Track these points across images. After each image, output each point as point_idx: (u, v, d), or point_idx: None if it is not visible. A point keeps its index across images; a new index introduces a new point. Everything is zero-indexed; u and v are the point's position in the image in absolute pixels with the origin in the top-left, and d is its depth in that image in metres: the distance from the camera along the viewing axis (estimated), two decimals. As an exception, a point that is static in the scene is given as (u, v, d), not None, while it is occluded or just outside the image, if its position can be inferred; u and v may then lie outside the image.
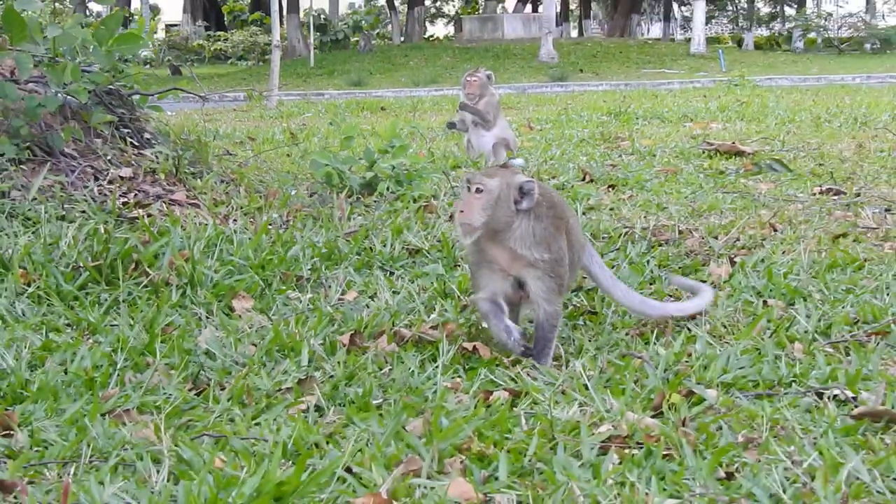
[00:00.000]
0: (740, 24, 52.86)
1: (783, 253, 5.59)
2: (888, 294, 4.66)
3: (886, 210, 6.74)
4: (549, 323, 4.09)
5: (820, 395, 3.53)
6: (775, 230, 6.23)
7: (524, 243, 4.02)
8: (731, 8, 55.68)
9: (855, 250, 5.51)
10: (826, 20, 52.71)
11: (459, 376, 3.81)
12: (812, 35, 47.98)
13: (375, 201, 6.98)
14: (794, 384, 3.68)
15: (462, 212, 3.87)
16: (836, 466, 2.91)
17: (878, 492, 2.77)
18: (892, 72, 28.59)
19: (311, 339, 4.13)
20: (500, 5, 57.88)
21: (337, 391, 3.63)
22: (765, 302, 4.70)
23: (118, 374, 3.74)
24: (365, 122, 13.82)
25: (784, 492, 2.80)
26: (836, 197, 7.35)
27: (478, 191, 3.86)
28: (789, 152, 9.72)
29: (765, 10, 54.49)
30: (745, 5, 55.04)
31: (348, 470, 2.96)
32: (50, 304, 4.53)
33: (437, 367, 3.86)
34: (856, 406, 3.42)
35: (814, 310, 4.49)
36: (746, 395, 3.59)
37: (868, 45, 45.68)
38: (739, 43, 48.32)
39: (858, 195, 7.37)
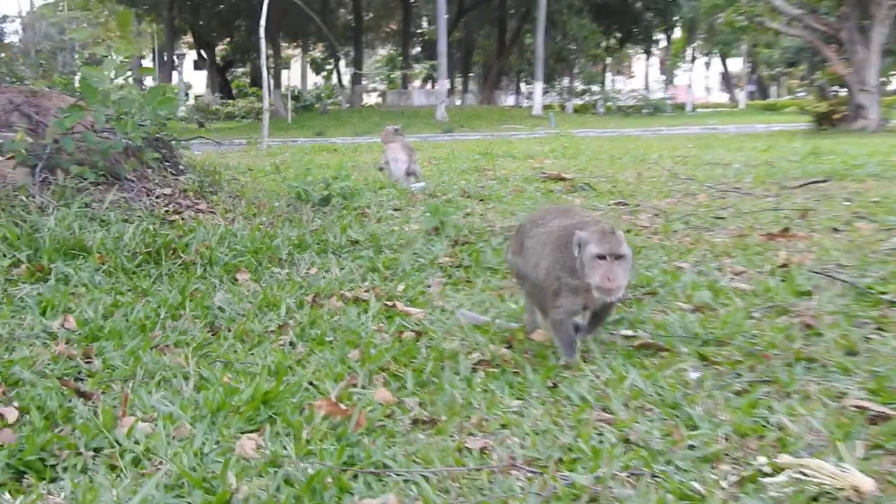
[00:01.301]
0: (564, 96, 53.69)
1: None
2: (655, 269, 4.73)
3: (655, 215, 6.84)
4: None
5: (612, 333, 3.56)
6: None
7: None
8: (558, 86, 56.54)
9: (635, 241, 5.58)
10: (618, 93, 53.70)
11: (382, 322, 3.80)
12: (609, 103, 48.74)
13: (329, 210, 6.95)
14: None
15: (610, 280, 3.03)
16: (622, 378, 2.94)
17: (648, 394, 2.81)
18: (659, 127, 28.97)
19: (287, 299, 4.10)
20: (411, 83, 58.24)
21: (304, 332, 3.60)
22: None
23: (161, 322, 3.69)
24: (324, 159, 13.78)
25: (589, 395, 2.83)
26: (623, 206, 7.44)
27: (619, 257, 3.06)
28: (594, 178, 9.83)
29: (580, 87, 55.51)
30: (567, 84, 55.82)
31: (311, 383, 2.96)
32: (117, 277, 4.47)
33: (368, 316, 3.85)
34: (636, 339, 3.46)
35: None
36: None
37: (644, 110, 46.49)
38: (563, 108, 49.00)
39: (638, 205, 7.47)
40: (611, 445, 2.42)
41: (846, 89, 20.30)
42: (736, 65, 67.12)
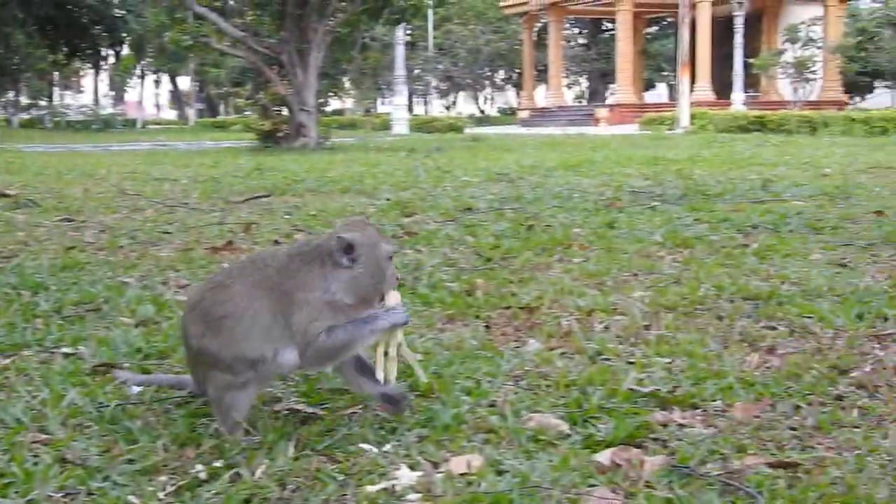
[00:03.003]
0: (9, 111, 50.41)
1: None
2: (100, 284, 4.56)
3: (101, 231, 6.64)
4: None
5: (52, 352, 3.38)
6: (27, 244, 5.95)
7: None
8: (2, 100, 52.91)
9: (79, 257, 5.36)
10: (67, 108, 51.73)
11: None
12: (58, 118, 46.68)
13: None
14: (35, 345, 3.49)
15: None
16: (61, 397, 2.80)
17: (87, 411, 2.69)
18: (109, 143, 28.12)
19: None
20: None
21: None
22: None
23: None
24: None
25: (24, 416, 2.65)
26: (69, 223, 7.12)
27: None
28: (39, 194, 9.28)
29: (26, 101, 52.62)
30: (13, 98, 52.43)
31: None
32: None
33: None
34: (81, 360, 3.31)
35: (50, 296, 4.30)
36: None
37: (94, 126, 45.12)
38: (9, 123, 46.01)
39: (84, 221, 7.20)
40: (46, 466, 2.29)
41: (288, 109, 21.25)
42: (185, 83, 67.55)
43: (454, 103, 65.65)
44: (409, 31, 44.67)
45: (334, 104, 64.35)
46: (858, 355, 3.09)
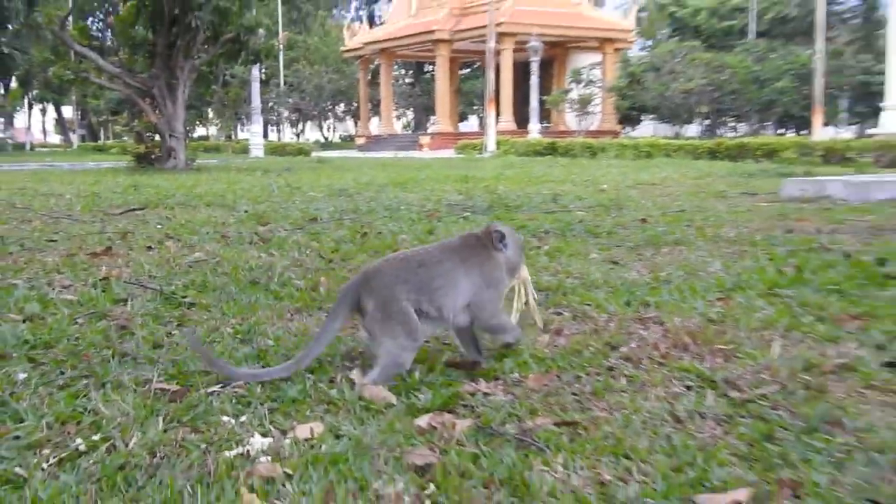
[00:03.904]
0: None
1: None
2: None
3: (-19, 241, 6.21)
4: None
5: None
6: None
7: None
8: None
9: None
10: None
11: None
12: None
13: None
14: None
15: None
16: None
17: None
18: (0, 164, 26.37)
19: None
20: None
21: None
22: None
23: None
24: None
25: None
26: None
27: None
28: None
29: None
30: None
31: None
32: None
33: None
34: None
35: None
36: None
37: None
38: None
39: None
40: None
41: (159, 135, 20.71)
42: (69, 111, 64.35)
43: (302, 131, 65.45)
44: (263, 70, 44.34)
45: (200, 131, 63.57)
46: (626, 334, 3.21)
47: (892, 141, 18.54)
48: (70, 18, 24.74)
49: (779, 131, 43.08)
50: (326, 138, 63.66)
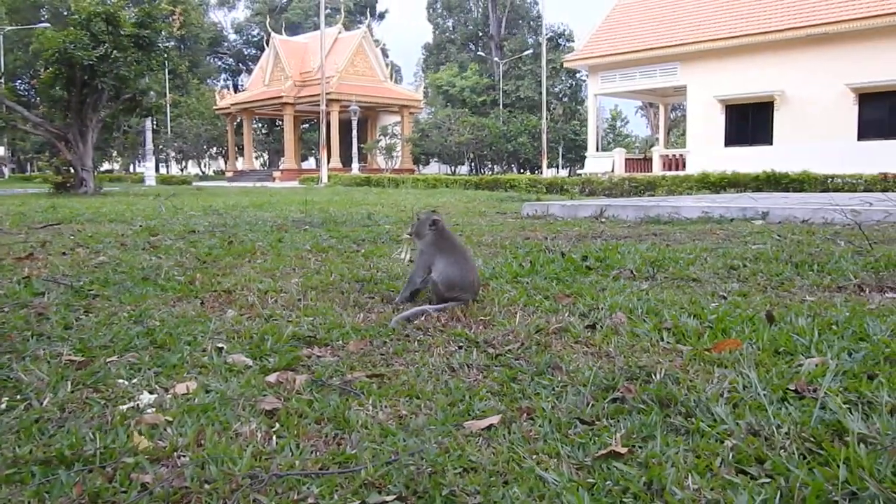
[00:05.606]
0: None
1: None
2: None
3: None
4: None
5: None
6: None
7: None
8: None
9: None
10: None
11: None
12: None
13: None
14: None
15: None
16: None
17: None
18: None
19: None
20: None
21: None
22: None
23: None
24: None
25: None
26: None
27: None
28: None
29: None
30: None
31: None
32: None
33: None
34: None
35: None
36: None
37: None
38: None
39: None
40: None
41: (73, 169, 19.29)
42: (1, 150, 57.29)
43: (185, 166, 63.13)
44: (154, 122, 42.04)
45: (106, 165, 60.52)
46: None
47: (591, 178, 20.05)
48: (2, 80, 24.07)
49: (520, 171, 45.46)
50: (203, 172, 61.69)
